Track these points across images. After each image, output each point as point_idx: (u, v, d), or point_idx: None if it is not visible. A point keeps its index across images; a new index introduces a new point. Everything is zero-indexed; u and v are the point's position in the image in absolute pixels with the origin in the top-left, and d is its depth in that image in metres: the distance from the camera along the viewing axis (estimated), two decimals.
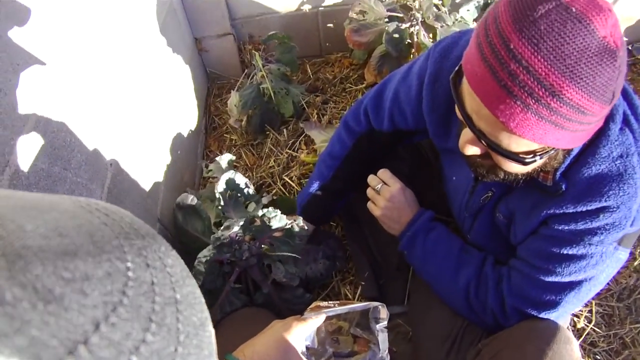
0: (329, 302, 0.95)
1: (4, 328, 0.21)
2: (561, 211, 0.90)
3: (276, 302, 1.31)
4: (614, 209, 0.85)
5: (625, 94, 0.88)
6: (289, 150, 1.92)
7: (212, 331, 0.33)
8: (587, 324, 1.56)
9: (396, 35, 1.90)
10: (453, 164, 1.17)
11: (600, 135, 0.85)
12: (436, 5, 2.09)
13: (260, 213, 1.25)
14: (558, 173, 0.87)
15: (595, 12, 0.64)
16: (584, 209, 0.87)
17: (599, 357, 1.51)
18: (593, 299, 1.62)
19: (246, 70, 2.04)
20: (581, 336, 1.53)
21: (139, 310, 0.27)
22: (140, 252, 0.30)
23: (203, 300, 0.34)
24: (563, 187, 0.88)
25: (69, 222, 0.28)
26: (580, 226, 0.89)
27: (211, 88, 2.24)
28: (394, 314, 1.43)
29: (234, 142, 2.02)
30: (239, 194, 1.43)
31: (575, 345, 0.93)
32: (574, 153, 0.85)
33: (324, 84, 2.14)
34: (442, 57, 1.04)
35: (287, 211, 1.59)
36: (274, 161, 1.91)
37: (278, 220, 1.25)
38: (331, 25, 2.18)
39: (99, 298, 0.25)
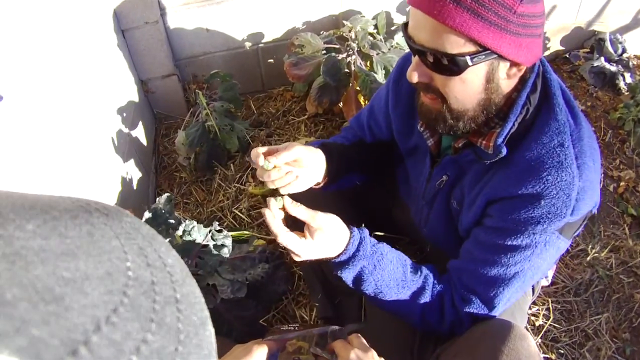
0: (289, 325, 0.97)
1: (4, 328, 0.21)
2: (503, 194, 0.95)
3: (226, 317, 1.36)
4: (554, 196, 0.90)
5: (565, 96, 0.96)
6: (237, 184, 1.97)
7: (212, 330, 0.32)
8: (546, 321, 1.62)
9: (333, 66, 1.97)
10: (416, 161, 1.23)
11: (542, 124, 0.92)
12: (371, 34, 2.18)
13: (179, 232, 1.28)
14: (499, 139, 0.93)
15: None
16: (524, 192, 0.92)
17: (562, 351, 1.56)
18: (549, 296, 1.69)
19: (192, 109, 2.10)
20: (541, 333, 1.59)
21: (139, 310, 0.26)
22: (140, 251, 0.30)
23: (203, 299, 0.33)
24: (504, 151, 0.93)
25: (69, 221, 0.28)
26: (522, 215, 0.93)
27: (159, 128, 2.28)
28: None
29: (183, 179, 2.06)
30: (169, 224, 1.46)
31: (531, 340, 0.95)
32: (510, 122, 0.92)
33: (268, 118, 2.21)
34: (405, 60, 1.17)
35: (238, 241, 1.63)
36: (224, 195, 1.95)
37: (197, 231, 1.28)
38: (272, 60, 2.26)
39: (100, 298, 0.25)
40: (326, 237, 0.96)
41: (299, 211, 0.94)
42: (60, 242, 0.26)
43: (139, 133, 2.01)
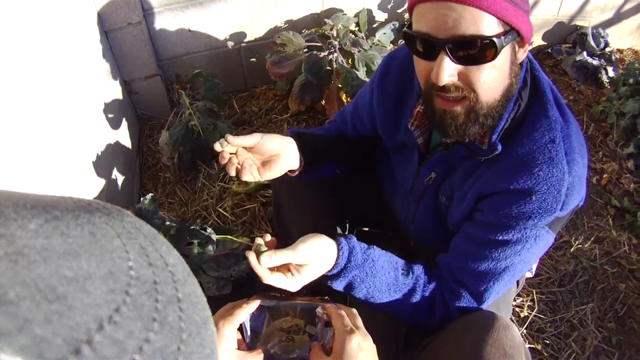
0: (272, 293, 0.95)
1: (7, 327, 0.21)
2: (494, 189, 0.95)
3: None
4: (544, 191, 0.91)
5: (553, 94, 0.97)
6: (221, 183, 1.97)
7: (214, 329, 0.33)
8: (531, 312, 1.63)
9: (315, 64, 1.98)
10: (402, 158, 1.23)
11: (534, 120, 0.93)
12: (353, 32, 2.19)
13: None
14: (494, 135, 0.93)
15: None
16: (516, 187, 0.92)
17: (548, 342, 1.57)
18: (533, 287, 1.70)
19: (175, 109, 2.10)
20: (526, 324, 1.60)
21: (141, 309, 0.27)
22: (142, 251, 0.30)
23: (205, 299, 0.34)
24: (499, 148, 0.93)
25: (71, 221, 0.28)
26: (514, 210, 0.94)
27: (143, 129, 2.27)
28: None
29: (168, 179, 2.06)
30: (154, 224, 1.46)
31: (515, 331, 0.96)
32: (504, 118, 0.92)
33: (251, 117, 2.21)
34: (391, 58, 1.16)
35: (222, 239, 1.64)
36: (208, 194, 1.96)
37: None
38: (254, 59, 2.26)
39: (102, 297, 0.25)
40: (313, 268, 0.94)
41: (280, 259, 0.90)
42: (63, 241, 0.26)
43: (123, 134, 2.01)
